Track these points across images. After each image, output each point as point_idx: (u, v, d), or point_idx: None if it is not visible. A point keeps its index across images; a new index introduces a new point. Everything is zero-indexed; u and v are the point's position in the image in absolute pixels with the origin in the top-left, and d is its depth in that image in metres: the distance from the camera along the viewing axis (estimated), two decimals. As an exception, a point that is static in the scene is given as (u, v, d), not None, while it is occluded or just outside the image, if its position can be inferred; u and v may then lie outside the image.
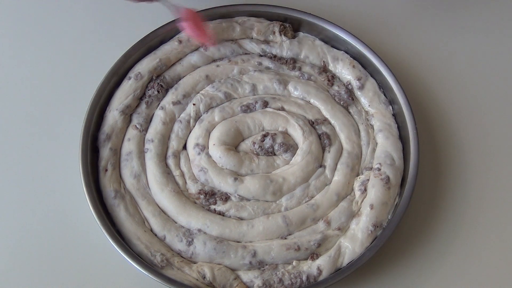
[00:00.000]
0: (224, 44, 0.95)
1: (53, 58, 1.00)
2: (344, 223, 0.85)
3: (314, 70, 0.95)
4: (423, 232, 0.89)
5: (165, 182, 0.86)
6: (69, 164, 0.88)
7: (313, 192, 0.87)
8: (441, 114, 0.97)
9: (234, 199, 0.86)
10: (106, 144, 0.87)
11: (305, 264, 0.82)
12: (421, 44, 1.03)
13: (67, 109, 0.95)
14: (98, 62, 0.93)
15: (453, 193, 0.91)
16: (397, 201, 0.85)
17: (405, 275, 0.86)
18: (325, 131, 0.90)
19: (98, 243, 0.84)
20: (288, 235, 0.84)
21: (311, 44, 0.96)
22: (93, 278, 0.85)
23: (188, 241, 0.82)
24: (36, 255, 0.87)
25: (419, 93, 0.98)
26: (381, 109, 0.92)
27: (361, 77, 0.94)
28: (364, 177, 0.87)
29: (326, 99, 0.92)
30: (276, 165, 0.89)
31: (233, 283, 0.80)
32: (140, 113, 0.90)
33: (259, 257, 0.81)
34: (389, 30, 1.04)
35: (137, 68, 0.92)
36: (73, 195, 0.88)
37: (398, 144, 0.89)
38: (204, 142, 0.89)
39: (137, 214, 0.84)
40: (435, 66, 1.01)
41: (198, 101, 0.91)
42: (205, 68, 0.94)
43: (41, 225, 0.88)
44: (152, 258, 0.80)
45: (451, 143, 0.95)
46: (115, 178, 0.86)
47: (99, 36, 1.02)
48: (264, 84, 0.93)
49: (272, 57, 0.95)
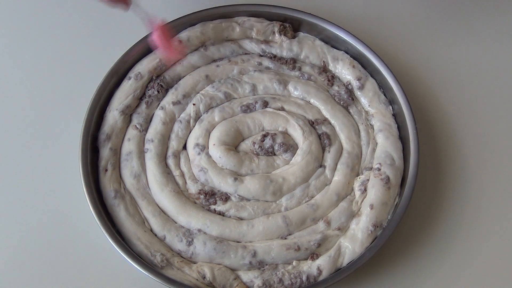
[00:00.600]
0: (224, 44, 0.95)
1: (53, 58, 1.00)
2: (344, 223, 0.85)
3: (314, 70, 0.95)
4: (423, 232, 0.89)
5: (165, 182, 0.86)
6: (69, 164, 0.88)
7: (313, 192, 0.87)
8: (441, 114, 0.97)
9: (234, 199, 0.86)
10: (106, 144, 0.87)
11: (305, 264, 0.81)
12: (421, 44, 1.03)
13: (67, 109, 0.95)
14: (98, 62, 0.93)
15: (453, 193, 0.91)
16: (397, 201, 0.85)
17: (405, 275, 0.86)
18: (325, 131, 0.90)
19: (98, 243, 0.84)
20: (288, 235, 0.84)
21: (311, 44, 0.96)
22: (93, 278, 0.85)
23: (188, 241, 0.82)
24: (36, 255, 0.87)
25: (419, 93, 0.98)
26: (381, 109, 0.92)
27: (361, 77, 0.94)
28: (364, 177, 0.87)
29: (326, 99, 0.92)
30: (276, 165, 0.89)
31: (233, 283, 0.80)
32: (140, 113, 0.90)
33: (259, 257, 0.81)
34: (389, 30, 1.03)
35: (137, 68, 0.92)
36: (73, 195, 0.87)
37: (398, 144, 0.89)
38: (204, 142, 0.89)
39: (137, 214, 0.84)
40: (435, 66, 1.01)
41: (198, 101, 0.91)
42: (205, 68, 0.94)
43: (41, 225, 0.88)
44: (152, 258, 0.80)
45: (451, 143, 0.95)
46: (115, 178, 0.86)
47: (99, 36, 1.02)
48: (264, 84, 0.93)
49: (272, 57, 0.95)
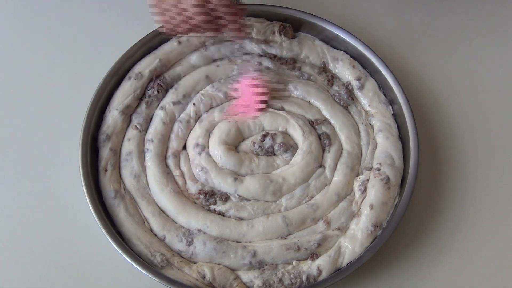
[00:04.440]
0: (224, 44, 0.95)
1: (53, 58, 1.00)
2: (344, 223, 0.85)
3: (314, 70, 0.95)
4: (423, 232, 0.89)
5: (165, 182, 0.86)
6: (69, 165, 0.88)
7: (313, 192, 0.87)
8: (441, 114, 0.97)
9: (234, 199, 0.86)
10: (106, 144, 0.87)
11: (305, 264, 0.81)
12: (421, 44, 1.03)
13: (67, 109, 0.95)
14: (98, 62, 0.93)
15: (453, 193, 0.91)
16: (397, 201, 0.85)
17: (405, 275, 0.86)
18: (325, 131, 0.90)
19: (98, 243, 0.84)
20: (288, 235, 0.84)
21: (311, 44, 0.96)
22: (93, 278, 0.85)
23: (188, 241, 0.82)
24: (36, 255, 0.87)
25: (419, 93, 0.98)
26: (381, 109, 0.92)
27: (361, 77, 0.94)
28: (364, 177, 0.87)
29: (326, 99, 0.92)
30: (276, 165, 0.88)
31: (233, 283, 0.80)
32: (140, 113, 0.90)
33: (259, 257, 0.81)
34: (389, 30, 1.03)
35: (137, 68, 0.92)
36: (73, 195, 0.87)
37: (398, 144, 0.89)
38: (204, 142, 0.89)
39: (137, 214, 0.84)
40: (435, 66, 1.01)
41: (198, 101, 0.91)
42: (205, 68, 0.94)
43: (41, 225, 0.88)
44: (152, 258, 0.80)
45: (451, 143, 0.95)
46: (115, 178, 0.86)
47: (99, 36, 1.02)
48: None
49: (272, 57, 0.95)
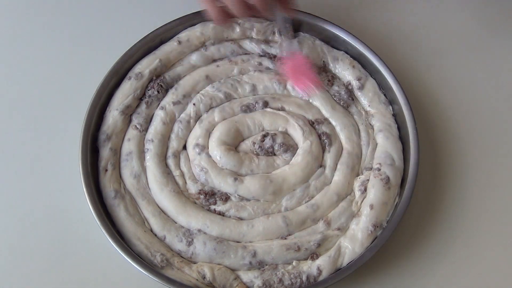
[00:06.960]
0: (224, 44, 0.95)
1: (53, 58, 1.00)
2: (344, 223, 0.85)
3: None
4: (423, 232, 0.89)
5: (165, 182, 0.86)
6: (69, 164, 0.88)
7: (313, 192, 0.87)
8: (441, 114, 0.97)
9: (234, 199, 0.86)
10: (106, 144, 0.87)
11: (305, 264, 0.81)
12: (421, 44, 1.03)
13: (67, 109, 0.95)
14: (98, 62, 0.93)
15: (453, 193, 0.91)
16: (397, 201, 0.85)
17: (405, 275, 0.86)
18: (325, 131, 0.90)
19: (98, 243, 0.84)
20: (288, 235, 0.84)
21: (311, 44, 0.96)
22: (93, 278, 0.85)
23: (188, 241, 0.82)
24: (36, 255, 0.87)
25: (419, 93, 0.98)
26: (381, 109, 0.92)
27: (361, 77, 0.94)
28: (364, 177, 0.87)
29: (326, 99, 0.92)
30: (276, 165, 0.88)
31: (233, 283, 0.80)
32: (140, 113, 0.90)
33: (259, 257, 0.81)
34: (389, 30, 1.03)
35: (137, 68, 0.92)
36: (73, 195, 0.87)
37: (398, 144, 0.89)
38: (204, 142, 0.89)
39: (137, 214, 0.84)
40: (435, 66, 1.01)
41: (198, 101, 0.91)
42: (205, 68, 0.94)
43: (41, 225, 0.88)
44: (152, 258, 0.80)
45: (451, 143, 0.95)
46: (115, 178, 0.86)
47: (99, 36, 1.02)
48: (264, 84, 0.93)
49: (272, 57, 0.95)
